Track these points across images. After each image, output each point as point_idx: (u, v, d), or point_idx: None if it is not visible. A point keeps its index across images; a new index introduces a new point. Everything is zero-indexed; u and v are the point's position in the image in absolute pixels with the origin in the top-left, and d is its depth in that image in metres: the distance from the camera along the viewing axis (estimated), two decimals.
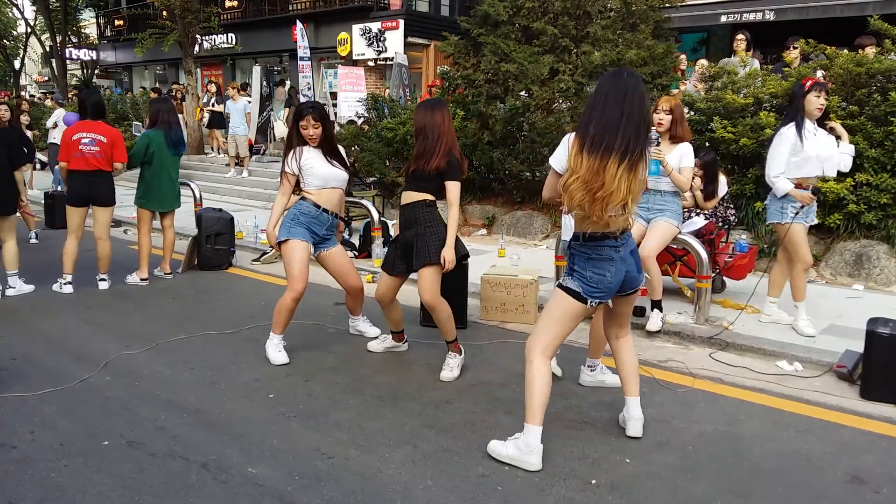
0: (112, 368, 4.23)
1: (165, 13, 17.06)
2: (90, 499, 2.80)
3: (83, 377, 4.07)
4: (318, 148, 4.38)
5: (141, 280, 6.40)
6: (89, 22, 31.22)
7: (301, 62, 14.50)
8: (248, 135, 13.57)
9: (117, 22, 27.56)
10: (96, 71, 29.55)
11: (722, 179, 5.84)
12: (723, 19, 13.42)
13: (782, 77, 7.04)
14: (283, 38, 21.37)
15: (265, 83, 16.00)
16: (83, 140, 5.89)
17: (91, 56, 28.18)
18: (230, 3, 22.39)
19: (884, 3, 11.23)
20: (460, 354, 4.18)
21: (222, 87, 16.47)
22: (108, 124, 6.18)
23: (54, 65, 25.58)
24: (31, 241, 8.20)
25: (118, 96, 20.72)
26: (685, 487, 2.91)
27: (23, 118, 11.22)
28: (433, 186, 4.03)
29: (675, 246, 5.21)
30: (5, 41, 30.22)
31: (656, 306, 4.88)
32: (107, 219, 6.16)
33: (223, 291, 6.24)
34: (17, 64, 31.17)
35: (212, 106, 15.11)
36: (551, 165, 3.08)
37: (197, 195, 7.87)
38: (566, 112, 8.33)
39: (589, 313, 3.16)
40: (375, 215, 7.20)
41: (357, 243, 7.60)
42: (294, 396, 3.84)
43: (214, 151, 15.74)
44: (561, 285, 3.09)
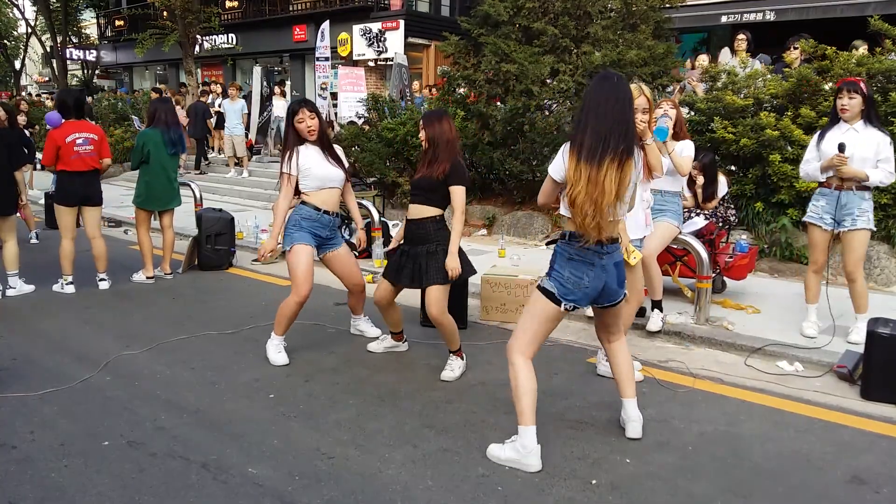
0: (112, 368, 4.24)
1: (166, 13, 17.10)
2: (90, 499, 2.80)
3: (83, 377, 4.08)
4: (317, 144, 4.38)
5: (147, 278, 6.42)
6: (90, 22, 31.29)
7: (318, 62, 14.45)
8: (249, 136, 13.56)
9: (118, 22, 27.59)
10: (97, 71, 29.59)
11: (722, 180, 5.83)
12: (723, 20, 13.40)
13: (782, 77, 7.04)
14: (284, 39, 21.41)
15: (265, 83, 15.99)
16: (77, 141, 5.88)
17: (91, 56, 28.22)
18: (230, 4, 22.42)
19: (884, 3, 11.21)
20: (463, 360, 4.21)
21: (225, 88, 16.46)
22: (90, 122, 6.22)
23: (55, 65, 25.64)
24: (32, 242, 8.19)
25: (127, 96, 20.74)
26: (685, 487, 2.91)
27: (20, 118, 11.22)
28: (440, 196, 4.04)
29: (676, 246, 5.21)
30: (6, 41, 30.29)
31: (657, 306, 4.87)
32: (98, 217, 6.19)
33: (223, 291, 6.25)
34: (18, 64, 31.22)
35: (217, 107, 15.09)
36: (549, 174, 3.10)
37: (197, 195, 7.88)
38: (566, 112, 8.32)
39: (563, 316, 3.16)
40: (376, 215, 7.21)
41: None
42: (294, 396, 3.84)
43: (216, 152, 15.73)
44: (539, 286, 3.12)
